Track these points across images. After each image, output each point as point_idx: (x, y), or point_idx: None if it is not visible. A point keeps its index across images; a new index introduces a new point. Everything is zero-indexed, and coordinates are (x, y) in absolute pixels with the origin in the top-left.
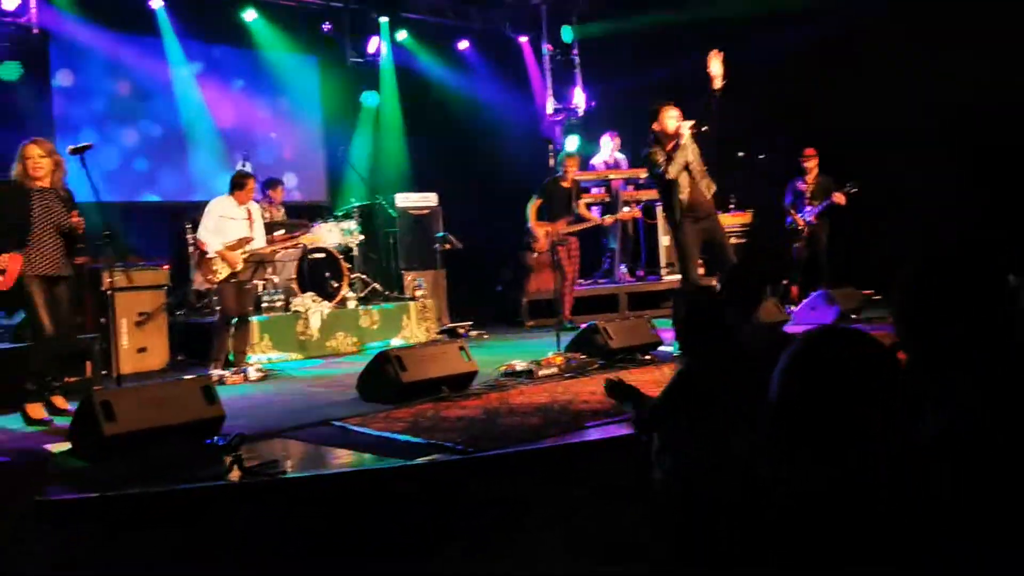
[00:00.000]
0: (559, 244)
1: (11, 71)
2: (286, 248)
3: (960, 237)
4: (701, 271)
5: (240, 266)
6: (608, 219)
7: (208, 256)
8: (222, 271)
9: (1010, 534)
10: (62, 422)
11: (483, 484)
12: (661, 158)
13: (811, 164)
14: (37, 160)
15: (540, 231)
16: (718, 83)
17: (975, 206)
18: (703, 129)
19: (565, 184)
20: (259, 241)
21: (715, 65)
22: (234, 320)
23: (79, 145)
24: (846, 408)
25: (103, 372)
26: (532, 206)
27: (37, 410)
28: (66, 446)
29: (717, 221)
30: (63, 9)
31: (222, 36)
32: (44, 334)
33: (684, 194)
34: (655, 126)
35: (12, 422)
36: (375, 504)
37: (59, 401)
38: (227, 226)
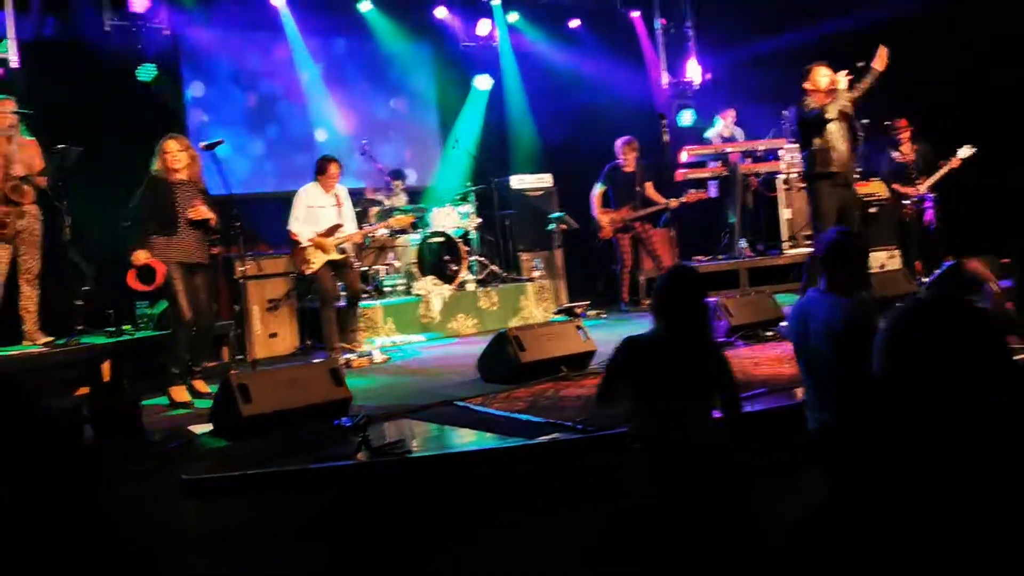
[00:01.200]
0: (623, 231)
1: (147, 73)
2: (377, 231)
3: None
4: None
5: (332, 255)
6: (674, 202)
7: (302, 246)
8: (316, 261)
9: None
10: (203, 404)
11: (603, 462)
12: (815, 103)
13: (905, 135)
14: (175, 154)
15: (604, 219)
16: (880, 68)
17: None
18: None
19: (627, 169)
20: (350, 226)
21: (881, 58)
22: (343, 304)
23: (211, 141)
24: (933, 380)
25: (238, 357)
26: (596, 194)
27: (181, 393)
28: (208, 427)
29: (854, 192)
30: (190, 11)
31: (340, 29)
32: (183, 320)
33: (835, 150)
34: (807, 85)
35: (158, 405)
36: (497, 481)
37: (200, 385)
38: (317, 214)
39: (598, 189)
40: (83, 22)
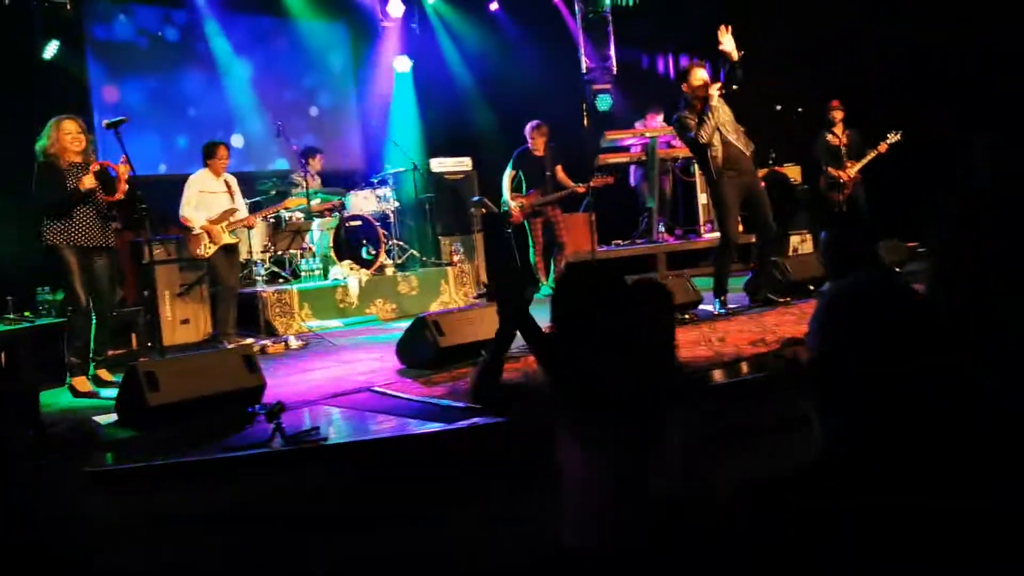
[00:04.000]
0: (534, 216)
1: (50, 51)
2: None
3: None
4: (739, 228)
5: (226, 239)
6: (581, 187)
7: (194, 232)
8: (210, 246)
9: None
10: (108, 394)
11: (522, 447)
12: (692, 122)
13: (838, 116)
14: (76, 135)
15: (514, 204)
16: (735, 56)
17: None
18: (733, 88)
19: (537, 154)
20: (242, 212)
21: (727, 41)
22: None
23: (114, 119)
24: (882, 362)
25: (148, 344)
26: (506, 178)
27: (83, 383)
28: (112, 417)
29: (756, 178)
30: None
31: (255, 6)
32: (80, 306)
33: (717, 152)
34: (684, 87)
35: (60, 396)
36: (415, 467)
37: (104, 374)
38: (208, 200)
39: (508, 173)
40: None
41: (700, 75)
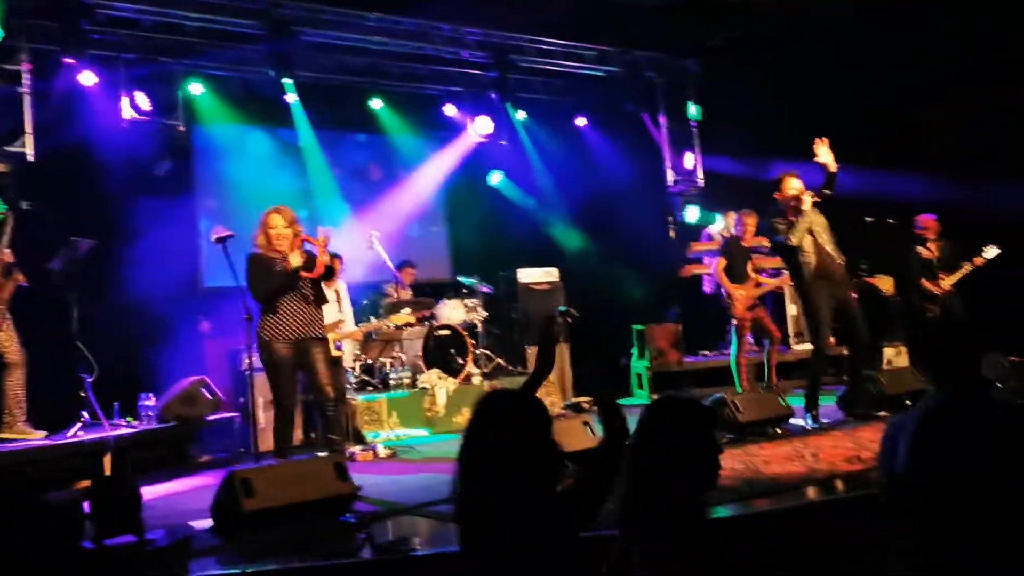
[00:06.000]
0: (754, 307)
1: (162, 169)
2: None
3: None
4: (831, 340)
5: (332, 350)
6: (783, 280)
7: None
8: None
9: None
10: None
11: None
12: (783, 226)
13: (932, 233)
14: (280, 231)
15: (738, 293)
16: (833, 168)
17: None
18: (825, 192)
19: (744, 243)
20: (349, 323)
21: (823, 153)
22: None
23: (221, 235)
24: (976, 480)
25: (241, 450)
26: (720, 268)
27: None
28: (209, 522)
29: (849, 288)
30: (205, 107)
31: (352, 125)
32: (281, 402)
33: (810, 258)
34: (777, 195)
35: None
36: None
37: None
38: None
39: (721, 262)
40: (100, 118)
41: (793, 184)
